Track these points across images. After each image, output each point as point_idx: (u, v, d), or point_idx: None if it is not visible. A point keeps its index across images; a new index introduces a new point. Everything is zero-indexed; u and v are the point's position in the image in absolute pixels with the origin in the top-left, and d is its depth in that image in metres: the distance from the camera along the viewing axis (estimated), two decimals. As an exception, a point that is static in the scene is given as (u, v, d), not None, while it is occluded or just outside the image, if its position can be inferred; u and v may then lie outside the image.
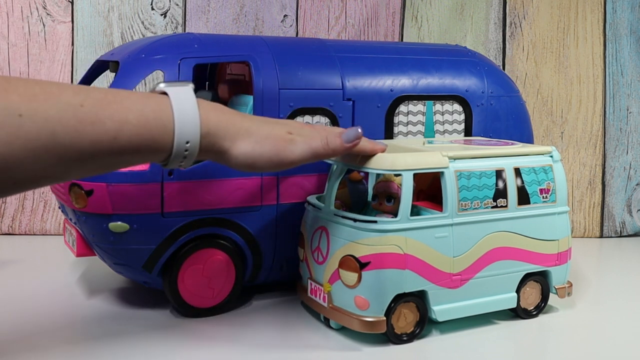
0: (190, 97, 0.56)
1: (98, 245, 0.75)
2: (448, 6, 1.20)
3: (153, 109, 0.54)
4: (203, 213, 0.76)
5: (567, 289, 0.79)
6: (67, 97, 0.50)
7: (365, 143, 0.68)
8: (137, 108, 0.53)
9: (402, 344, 0.70)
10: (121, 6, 1.13)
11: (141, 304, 0.81)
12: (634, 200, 1.23)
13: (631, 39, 1.21)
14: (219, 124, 0.58)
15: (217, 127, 0.57)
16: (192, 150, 0.56)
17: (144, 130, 0.53)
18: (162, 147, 0.55)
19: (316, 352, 0.69)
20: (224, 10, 1.15)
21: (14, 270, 0.94)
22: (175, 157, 0.56)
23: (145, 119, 0.53)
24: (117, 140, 0.52)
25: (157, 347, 0.68)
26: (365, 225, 0.68)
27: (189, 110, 0.56)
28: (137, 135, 0.53)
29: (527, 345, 0.73)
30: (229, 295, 0.78)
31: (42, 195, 1.15)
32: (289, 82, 0.79)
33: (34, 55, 1.13)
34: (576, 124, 1.22)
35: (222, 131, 0.58)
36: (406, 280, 0.68)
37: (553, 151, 0.78)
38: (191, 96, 0.57)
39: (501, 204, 0.73)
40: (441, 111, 0.88)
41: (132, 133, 0.53)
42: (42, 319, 0.76)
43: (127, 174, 0.71)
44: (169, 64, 0.74)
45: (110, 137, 0.52)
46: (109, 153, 0.52)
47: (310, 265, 0.74)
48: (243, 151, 0.59)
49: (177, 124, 0.55)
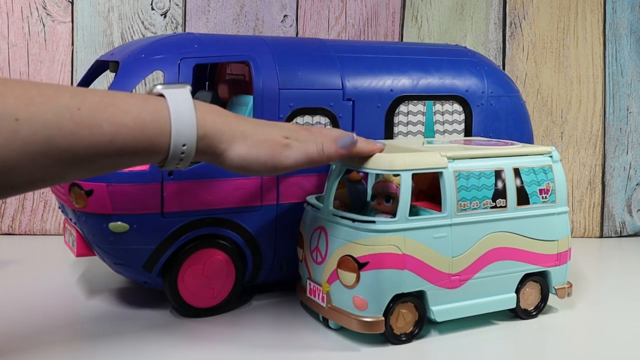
0: (187, 99, 0.57)
1: (98, 245, 0.76)
2: (448, 6, 1.20)
3: (150, 112, 0.54)
4: (203, 213, 0.76)
5: (566, 290, 0.79)
6: (64, 100, 0.50)
7: (363, 144, 0.68)
8: (134, 111, 0.53)
9: (400, 344, 0.70)
10: (121, 6, 1.13)
11: (141, 304, 0.81)
12: (634, 200, 1.23)
13: (631, 39, 1.21)
14: (215, 127, 0.58)
15: (213, 129, 0.58)
16: (188, 152, 0.56)
17: (140, 133, 0.53)
18: (159, 150, 0.55)
19: (315, 352, 0.69)
20: (224, 10, 1.16)
21: (14, 270, 0.94)
22: (171, 159, 0.56)
23: (142, 121, 0.53)
24: (114, 143, 0.52)
25: (157, 347, 0.68)
26: (364, 226, 0.68)
27: (185, 113, 0.56)
28: (133, 138, 0.53)
29: (526, 346, 0.73)
30: (229, 295, 0.78)
31: (42, 195, 1.15)
32: (289, 82, 0.79)
33: (34, 55, 1.13)
34: (576, 124, 1.22)
35: (218, 134, 0.58)
36: (405, 281, 0.68)
37: (553, 151, 0.78)
38: (188, 98, 0.57)
39: (500, 204, 0.73)
40: (441, 111, 0.88)
41: (129, 136, 0.53)
42: (42, 319, 0.76)
43: (127, 174, 0.71)
44: (169, 64, 0.74)
45: (107, 140, 0.52)
46: (105, 155, 0.52)
47: (309, 265, 0.74)
48: (238, 154, 0.59)
49: (174, 126, 0.55)
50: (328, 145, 0.64)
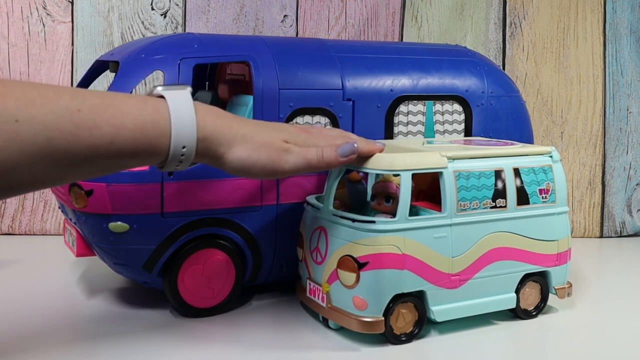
0: (188, 101, 0.57)
1: (98, 245, 0.76)
2: (448, 6, 1.20)
3: (150, 113, 0.54)
4: (203, 213, 0.76)
5: (566, 290, 0.79)
6: (64, 101, 0.50)
7: (363, 144, 0.68)
8: (134, 112, 0.53)
9: (400, 344, 0.70)
10: (121, 6, 1.13)
11: (141, 304, 0.81)
12: (634, 200, 1.23)
13: (631, 39, 1.21)
14: (215, 129, 0.58)
15: (213, 132, 0.58)
16: (188, 154, 0.56)
17: (140, 135, 0.53)
18: (159, 151, 0.55)
19: (315, 352, 0.69)
20: (224, 10, 1.16)
21: (14, 270, 0.94)
22: (171, 160, 0.56)
23: (142, 123, 0.54)
24: (114, 144, 0.52)
25: (157, 347, 0.68)
26: (364, 226, 0.68)
27: (186, 115, 0.56)
28: (133, 140, 0.53)
29: (526, 346, 0.73)
30: (229, 295, 0.78)
31: (42, 195, 1.15)
32: (289, 82, 0.79)
33: (34, 55, 1.13)
34: (576, 124, 1.22)
35: (218, 136, 0.58)
36: (405, 281, 0.68)
37: (552, 151, 0.78)
38: (188, 100, 0.57)
39: (500, 204, 0.73)
40: (441, 111, 0.88)
41: (128, 138, 0.53)
42: (42, 319, 0.76)
43: (127, 174, 0.71)
44: (169, 64, 0.74)
45: (106, 142, 0.52)
46: (105, 157, 0.53)
47: (309, 265, 0.74)
48: (238, 157, 0.59)
49: (174, 129, 0.55)
50: (328, 152, 0.64)
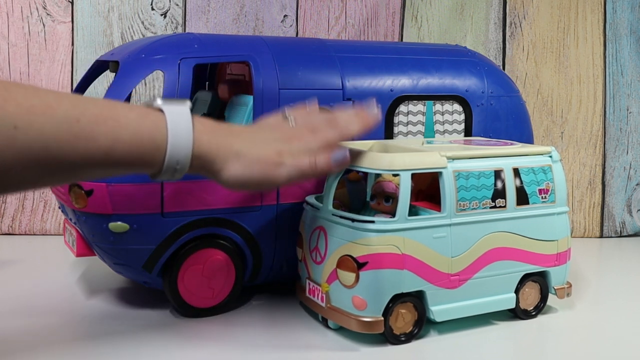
0: (186, 118, 0.57)
1: (98, 245, 0.76)
2: (448, 6, 1.20)
3: (148, 128, 0.55)
4: (203, 213, 0.76)
5: (566, 290, 0.79)
6: (64, 110, 0.50)
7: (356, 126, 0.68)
8: (132, 126, 0.54)
9: (400, 344, 0.70)
10: (121, 6, 1.13)
11: (141, 304, 0.81)
12: (634, 200, 1.23)
13: (631, 39, 1.21)
14: (210, 148, 0.59)
15: (208, 150, 0.59)
16: (181, 169, 0.58)
17: (136, 149, 0.54)
18: (153, 164, 0.56)
19: (314, 352, 0.69)
20: (224, 10, 1.16)
21: (14, 270, 0.94)
22: (164, 173, 0.57)
23: (139, 138, 0.54)
24: (109, 156, 0.53)
25: (157, 347, 0.69)
26: (363, 226, 0.68)
27: (183, 133, 0.56)
28: (129, 153, 0.54)
29: (526, 346, 0.73)
30: (229, 295, 0.78)
31: (42, 195, 1.15)
32: (289, 82, 0.79)
33: (34, 55, 1.13)
34: (576, 124, 1.22)
35: (212, 155, 0.59)
36: (404, 281, 0.68)
37: (552, 151, 0.78)
38: (187, 118, 0.57)
39: (500, 204, 0.73)
40: (441, 111, 0.88)
41: (124, 151, 0.54)
42: (42, 319, 0.76)
43: (127, 174, 0.71)
44: (169, 64, 0.74)
45: (102, 153, 0.53)
46: (99, 167, 0.53)
47: (308, 265, 0.74)
48: (233, 174, 0.60)
49: (170, 145, 0.56)
50: (321, 160, 0.65)
